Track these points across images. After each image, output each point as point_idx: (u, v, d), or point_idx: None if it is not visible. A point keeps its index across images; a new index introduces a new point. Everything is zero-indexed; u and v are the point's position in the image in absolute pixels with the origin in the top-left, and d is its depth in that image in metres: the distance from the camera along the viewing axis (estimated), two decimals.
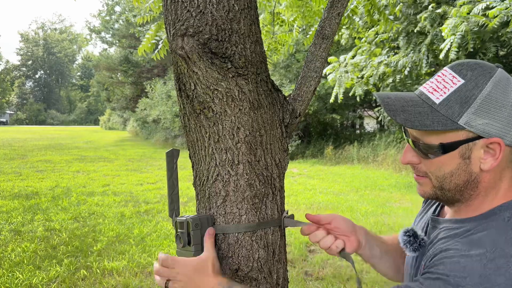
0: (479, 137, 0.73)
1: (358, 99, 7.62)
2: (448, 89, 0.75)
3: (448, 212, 0.86)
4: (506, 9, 4.70)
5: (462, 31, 4.92)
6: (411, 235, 0.87)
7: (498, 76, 0.73)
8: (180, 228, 0.96)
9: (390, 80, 7.41)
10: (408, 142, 0.82)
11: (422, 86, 0.81)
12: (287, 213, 1.05)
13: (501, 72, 0.75)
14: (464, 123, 0.72)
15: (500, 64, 0.78)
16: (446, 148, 0.75)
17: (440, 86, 0.76)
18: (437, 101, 0.75)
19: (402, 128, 0.84)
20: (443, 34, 5.14)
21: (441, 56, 5.22)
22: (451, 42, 5.02)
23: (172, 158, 0.99)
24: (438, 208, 0.92)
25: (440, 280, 0.66)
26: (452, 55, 5.08)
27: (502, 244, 0.67)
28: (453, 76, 0.75)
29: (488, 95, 0.72)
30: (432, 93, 0.77)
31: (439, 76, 0.78)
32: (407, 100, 0.79)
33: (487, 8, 5.03)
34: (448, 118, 0.73)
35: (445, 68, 0.79)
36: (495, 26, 4.96)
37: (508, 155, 0.75)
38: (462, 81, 0.74)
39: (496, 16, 4.76)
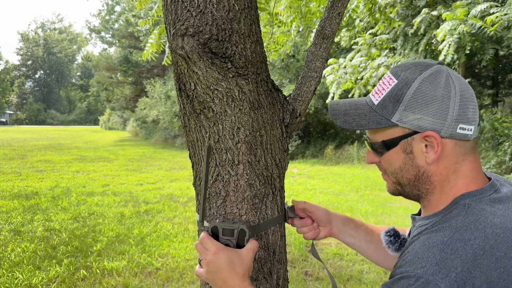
0: (414, 132, 0.76)
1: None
2: (385, 90, 0.80)
3: (422, 211, 0.88)
4: (506, 15, 4.70)
5: (459, 33, 4.92)
6: (391, 235, 0.91)
7: (428, 72, 0.76)
8: (229, 235, 0.91)
9: None
10: (366, 144, 0.89)
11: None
12: (286, 203, 1.11)
13: (436, 68, 0.77)
14: (396, 120, 0.77)
15: (500, 64, 0.79)
16: (388, 145, 0.80)
17: (380, 89, 0.81)
18: (376, 102, 0.81)
19: (364, 133, 0.89)
20: (438, 38, 5.14)
21: (440, 58, 5.22)
22: (449, 44, 5.02)
23: (209, 153, 0.96)
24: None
25: (403, 279, 0.67)
26: (448, 58, 5.08)
27: (460, 229, 0.69)
28: (390, 78, 0.80)
29: (416, 90, 0.75)
30: (373, 95, 0.83)
31: (381, 79, 0.84)
32: (353, 105, 0.86)
33: (486, 13, 5.03)
34: (383, 117, 0.79)
35: (387, 71, 0.84)
36: (498, 33, 4.96)
37: (455, 148, 0.76)
38: (396, 81, 0.78)
39: (496, 23, 4.76)
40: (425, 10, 5.96)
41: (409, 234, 0.93)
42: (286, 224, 1.12)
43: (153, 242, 4.73)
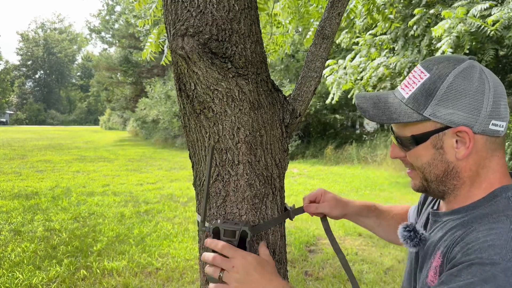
0: (446, 127, 0.75)
1: (354, 100, 7.61)
2: (416, 84, 0.78)
3: (443, 206, 0.88)
4: (508, 13, 4.69)
5: (457, 32, 4.90)
6: (411, 230, 0.88)
7: (462, 67, 0.75)
8: (230, 236, 0.90)
9: (388, 83, 7.41)
10: (392, 138, 0.87)
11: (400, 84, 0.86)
12: (293, 206, 1.13)
13: (469, 63, 0.76)
14: (429, 114, 0.76)
15: (500, 64, 0.79)
16: (418, 140, 0.79)
17: (410, 82, 0.80)
18: (406, 96, 0.80)
19: (390, 126, 0.88)
20: (433, 34, 5.12)
21: (437, 55, 5.20)
22: (447, 42, 5.00)
23: (213, 154, 0.96)
24: (436, 203, 0.94)
25: (474, 265, 0.65)
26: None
27: None
28: (421, 71, 0.79)
29: (450, 85, 0.74)
30: (403, 89, 0.81)
31: (411, 73, 0.82)
32: (380, 98, 0.84)
33: (486, 12, 5.01)
34: (414, 111, 0.77)
35: (417, 65, 0.82)
36: (498, 33, 4.94)
37: (486, 144, 0.76)
38: (428, 75, 0.77)
39: (497, 22, 4.74)
40: (419, 9, 5.93)
41: (424, 227, 0.91)
42: (286, 224, 1.12)
43: (153, 242, 4.73)
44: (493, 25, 4.78)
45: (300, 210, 1.15)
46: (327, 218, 1.19)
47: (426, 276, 0.81)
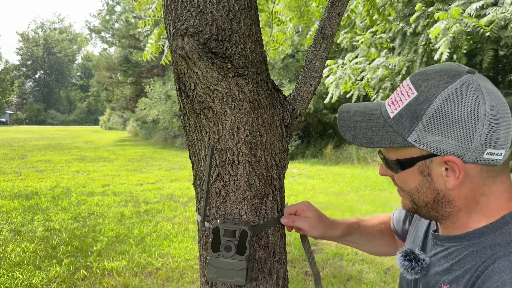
0: (433, 155, 0.68)
1: (353, 101, 7.59)
2: (403, 102, 0.70)
3: (440, 228, 0.81)
4: (503, 13, 4.68)
5: (453, 32, 4.88)
6: (411, 258, 0.80)
7: (455, 86, 0.66)
8: (230, 236, 0.91)
9: (389, 84, 7.41)
10: (379, 156, 0.81)
11: (389, 97, 0.78)
12: (287, 205, 1.09)
13: (465, 80, 0.66)
14: (413, 140, 0.68)
15: (500, 64, 0.76)
16: (403, 165, 0.72)
17: (397, 99, 0.72)
18: (392, 115, 0.72)
19: None
20: (430, 36, 5.11)
21: (436, 57, 5.20)
22: (444, 43, 5.00)
23: (212, 154, 0.96)
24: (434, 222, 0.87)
25: None
26: (444, 57, 5.05)
27: None
28: (409, 88, 0.70)
29: (438, 108, 0.65)
30: (390, 106, 0.74)
31: (400, 87, 0.74)
32: (365, 114, 0.77)
33: (481, 12, 4.99)
34: (398, 134, 0.70)
35: (407, 78, 0.74)
36: (494, 33, 4.93)
37: (482, 172, 0.68)
38: (416, 93, 0.68)
39: (493, 22, 4.73)
40: (419, 5, 5.92)
41: (422, 247, 0.85)
42: None
43: (153, 242, 4.73)
44: (488, 25, 4.77)
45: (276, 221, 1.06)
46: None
47: None
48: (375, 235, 1.11)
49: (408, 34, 6.85)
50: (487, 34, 4.85)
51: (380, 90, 7.66)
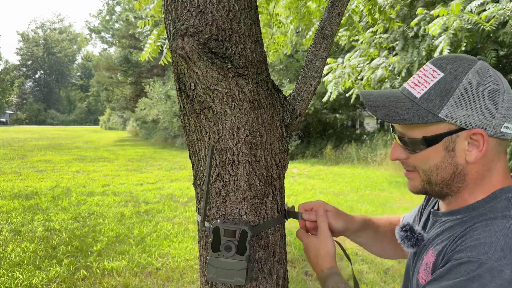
0: (461, 129, 0.73)
1: (352, 100, 7.59)
2: (429, 83, 0.75)
3: (442, 206, 0.86)
4: (502, 9, 4.67)
5: (453, 28, 4.86)
6: (407, 229, 0.87)
7: (477, 68, 0.74)
8: (230, 236, 0.91)
9: (388, 84, 7.39)
10: (395, 138, 0.83)
11: (406, 82, 0.82)
12: (286, 205, 1.09)
13: (481, 64, 0.75)
14: (445, 116, 0.73)
15: (500, 64, 0.79)
16: (430, 142, 0.75)
17: (421, 81, 0.77)
18: (418, 95, 0.76)
19: (390, 125, 0.85)
20: (429, 32, 5.09)
21: (435, 54, 5.19)
22: (444, 40, 4.98)
23: (213, 154, 0.96)
24: (437, 204, 0.92)
25: (463, 264, 0.65)
26: (445, 54, 5.03)
27: None
28: (434, 70, 0.76)
29: (467, 86, 0.72)
30: (413, 88, 0.78)
31: (420, 71, 0.79)
32: (389, 96, 0.80)
33: (482, 5, 4.98)
34: (429, 111, 0.74)
35: (427, 63, 0.79)
36: (494, 28, 4.92)
37: (495, 146, 0.75)
38: (442, 74, 0.74)
39: (492, 18, 4.72)
40: (421, 10, 5.92)
41: (423, 228, 0.91)
42: (286, 224, 1.12)
43: (153, 242, 4.73)
44: (487, 21, 4.76)
45: (296, 215, 1.07)
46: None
47: (417, 272, 0.81)
48: (386, 235, 1.12)
49: (409, 37, 6.84)
50: (487, 29, 4.83)
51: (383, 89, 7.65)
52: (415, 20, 5.95)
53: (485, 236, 0.66)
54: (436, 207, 0.90)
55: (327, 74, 6.70)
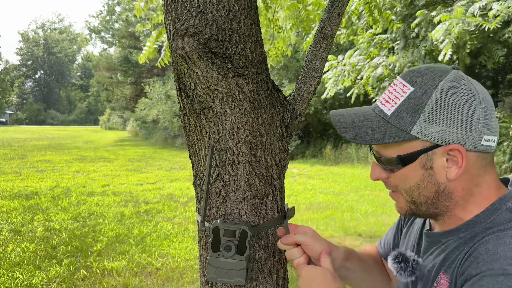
0: (436, 146, 0.69)
1: (352, 100, 7.58)
2: (399, 99, 0.72)
3: (435, 226, 0.82)
4: (509, 7, 4.66)
5: (456, 32, 4.87)
6: (400, 260, 0.83)
7: (449, 79, 0.70)
8: (230, 236, 0.90)
9: (387, 84, 7.39)
10: (373, 157, 0.80)
11: (378, 99, 0.80)
12: (287, 205, 1.08)
13: (455, 74, 0.71)
14: (417, 133, 0.69)
15: (500, 64, 0.78)
16: (405, 160, 0.72)
17: (392, 97, 0.73)
18: (389, 113, 0.73)
19: (369, 146, 0.80)
20: (433, 39, 5.12)
21: (440, 57, 5.19)
22: (447, 44, 5.00)
23: (212, 154, 0.95)
24: (427, 223, 0.87)
25: (486, 277, 0.62)
26: (447, 57, 5.05)
27: None
28: (403, 85, 0.72)
29: (438, 99, 0.68)
30: (384, 105, 0.74)
31: (391, 86, 0.76)
32: (359, 115, 0.77)
33: (485, 9, 4.99)
34: (400, 129, 0.70)
35: (397, 77, 0.76)
36: (498, 26, 4.92)
37: (478, 161, 0.71)
38: (412, 88, 0.71)
39: (498, 16, 4.72)
40: (421, 11, 5.93)
41: (416, 251, 0.86)
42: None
43: (153, 242, 4.73)
44: (494, 19, 4.76)
45: (293, 210, 1.02)
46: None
47: None
48: (371, 266, 1.04)
49: (410, 37, 6.85)
50: (491, 29, 4.83)
51: (380, 90, 7.66)
52: (416, 22, 5.96)
53: (504, 249, 0.63)
54: (428, 227, 0.85)
55: (327, 71, 6.70)
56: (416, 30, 6.54)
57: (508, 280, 0.59)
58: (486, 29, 5.01)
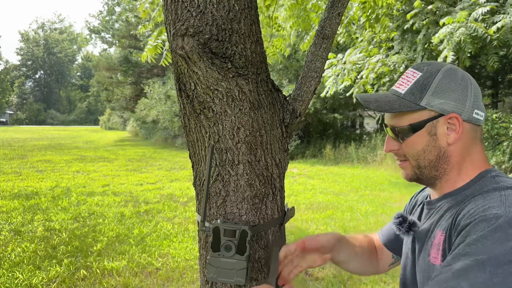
0: (440, 115, 0.87)
1: (354, 100, 7.60)
2: (410, 81, 0.92)
3: (434, 194, 0.96)
4: (510, 19, 4.67)
5: (458, 36, 4.88)
6: (401, 219, 0.98)
7: (447, 67, 0.91)
8: (230, 236, 0.91)
9: (387, 79, 7.38)
10: (387, 131, 0.96)
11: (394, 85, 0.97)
12: (286, 205, 1.09)
13: (451, 65, 0.92)
14: (425, 104, 0.88)
15: (500, 64, 0.85)
16: (415, 128, 0.89)
17: (404, 81, 0.93)
18: (403, 92, 0.92)
19: (384, 123, 0.98)
20: (435, 42, 5.12)
21: (440, 60, 5.20)
22: (449, 46, 5.00)
23: (212, 154, 0.96)
24: (428, 194, 1.01)
25: (480, 222, 0.72)
26: (449, 60, 5.05)
27: (508, 187, 0.80)
28: (414, 72, 0.93)
29: (441, 80, 0.88)
30: (398, 87, 0.94)
31: (404, 74, 0.95)
32: (380, 95, 0.96)
33: (487, 16, 4.99)
34: (412, 102, 0.89)
35: (409, 68, 0.96)
36: (501, 40, 4.94)
37: (470, 131, 0.88)
38: (420, 73, 0.91)
39: (501, 29, 4.72)
40: (418, 2, 5.91)
41: (418, 218, 0.99)
42: (286, 224, 1.11)
43: (153, 242, 4.73)
44: (496, 32, 4.77)
45: (292, 211, 1.10)
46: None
47: (428, 255, 0.87)
48: (363, 251, 1.15)
49: (406, 30, 6.84)
50: (493, 42, 4.86)
51: (380, 89, 7.65)
52: (412, 13, 5.96)
53: (491, 202, 0.76)
54: (427, 199, 0.99)
55: (327, 69, 6.71)
56: (411, 22, 6.52)
57: (500, 221, 0.70)
58: (487, 38, 5.01)
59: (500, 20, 4.72)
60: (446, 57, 5.07)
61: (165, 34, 2.89)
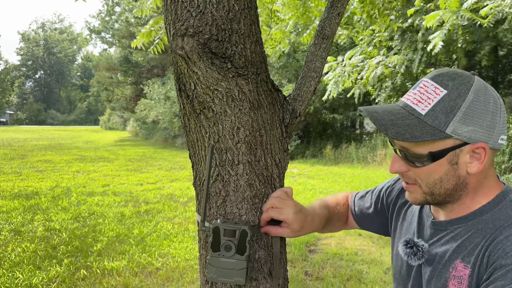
0: (465, 143, 0.77)
1: (356, 100, 7.60)
2: (432, 100, 0.77)
3: (440, 212, 0.89)
4: (498, 6, 4.66)
5: (449, 24, 4.85)
6: (412, 245, 0.89)
7: (477, 85, 0.77)
8: (230, 236, 0.91)
9: (389, 82, 7.37)
10: (396, 152, 0.84)
11: (405, 97, 0.83)
12: None
13: (479, 80, 0.79)
14: (451, 132, 0.75)
15: (500, 64, 0.82)
16: (435, 157, 0.78)
17: (424, 98, 0.79)
18: (423, 112, 0.78)
19: (388, 138, 0.85)
20: (424, 23, 5.08)
21: (429, 48, 5.16)
22: (439, 35, 4.97)
23: (212, 154, 0.96)
24: (427, 208, 0.94)
25: None
26: (437, 49, 5.01)
27: None
28: (435, 87, 0.78)
29: (471, 103, 0.75)
30: (417, 104, 0.79)
31: (421, 87, 0.81)
32: (395, 114, 0.81)
33: (478, 5, 4.97)
34: (435, 128, 0.76)
35: (425, 79, 0.81)
36: (491, 25, 4.91)
37: (491, 156, 0.80)
38: (445, 91, 0.77)
39: (490, 15, 4.71)
40: (418, 1, 5.91)
41: (418, 235, 0.93)
42: None
43: (153, 242, 4.73)
44: (485, 18, 4.75)
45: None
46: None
47: (445, 285, 0.82)
48: (339, 217, 1.20)
49: (405, 29, 6.85)
50: (483, 26, 4.83)
51: (382, 90, 7.65)
52: (412, 10, 5.96)
53: None
54: (427, 211, 0.93)
55: (327, 72, 6.71)
56: (410, 20, 6.51)
57: None
58: (478, 25, 4.98)
59: (490, 4, 4.71)
60: (435, 45, 5.04)
61: (162, 23, 2.89)
